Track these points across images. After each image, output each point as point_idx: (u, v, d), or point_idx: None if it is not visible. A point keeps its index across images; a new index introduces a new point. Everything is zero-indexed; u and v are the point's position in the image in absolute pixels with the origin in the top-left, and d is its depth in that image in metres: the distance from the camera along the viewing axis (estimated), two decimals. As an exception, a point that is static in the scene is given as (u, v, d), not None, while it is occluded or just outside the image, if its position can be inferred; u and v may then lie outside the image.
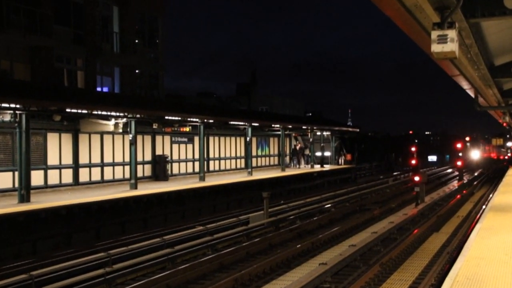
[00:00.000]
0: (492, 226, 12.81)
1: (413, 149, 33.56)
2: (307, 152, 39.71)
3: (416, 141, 64.16)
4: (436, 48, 7.81)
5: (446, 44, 7.78)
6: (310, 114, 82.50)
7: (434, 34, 7.85)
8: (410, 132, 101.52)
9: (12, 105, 16.17)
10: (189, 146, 29.30)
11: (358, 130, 48.24)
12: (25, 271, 11.90)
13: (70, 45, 25.46)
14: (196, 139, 27.43)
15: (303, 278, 11.47)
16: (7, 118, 16.91)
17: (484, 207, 19.59)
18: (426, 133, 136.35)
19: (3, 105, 15.82)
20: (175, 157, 28.04)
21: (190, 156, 29.37)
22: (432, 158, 72.80)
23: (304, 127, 37.34)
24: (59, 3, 24.97)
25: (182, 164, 28.96)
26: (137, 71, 30.20)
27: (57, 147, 20.85)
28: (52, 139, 20.74)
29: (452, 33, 7.79)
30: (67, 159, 21.36)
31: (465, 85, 16.46)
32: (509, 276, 8.36)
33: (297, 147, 39.46)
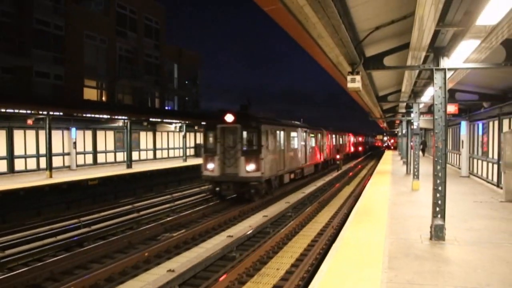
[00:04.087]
0: (376, 182, 22.53)
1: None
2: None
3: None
4: (350, 85, 10.47)
5: (355, 83, 10.41)
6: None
7: (349, 77, 10.43)
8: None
9: (124, 117, 28.72)
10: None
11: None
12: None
13: (153, 85, 42.90)
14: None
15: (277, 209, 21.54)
16: (121, 124, 29.79)
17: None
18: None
19: (121, 117, 28.33)
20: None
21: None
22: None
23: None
24: (147, 62, 42.44)
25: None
26: (186, 98, 49.01)
27: (145, 139, 35.67)
28: (142, 135, 35.44)
29: (358, 77, 10.39)
30: (149, 146, 36.28)
31: (363, 105, 25.75)
32: (382, 207, 14.58)
33: None
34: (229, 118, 20.83)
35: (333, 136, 45.31)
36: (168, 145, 39.85)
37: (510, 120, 17.69)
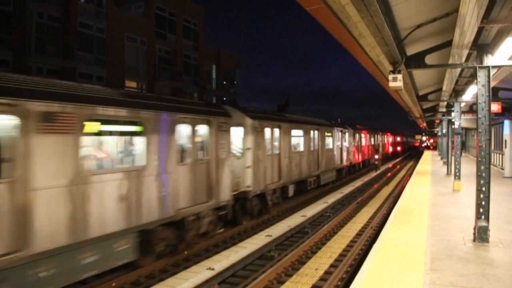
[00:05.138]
0: (416, 182, 22.15)
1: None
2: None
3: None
4: (391, 84, 10.45)
5: (396, 82, 10.37)
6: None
7: (390, 76, 10.38)
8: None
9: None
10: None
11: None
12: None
13: (192, 86, 43.05)
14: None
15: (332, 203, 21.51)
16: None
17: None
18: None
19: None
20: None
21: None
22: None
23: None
24: (185, 63, 42.91)
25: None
26: (224, 98, 48.75)
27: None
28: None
29: (400, 76, 10.38)
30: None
31: (403, 104, 25.33)
32: (422, 208, 14.46)
33: None
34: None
35: (371, 136, 44.76)
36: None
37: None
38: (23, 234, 7.62)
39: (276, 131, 19.05)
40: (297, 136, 22.05)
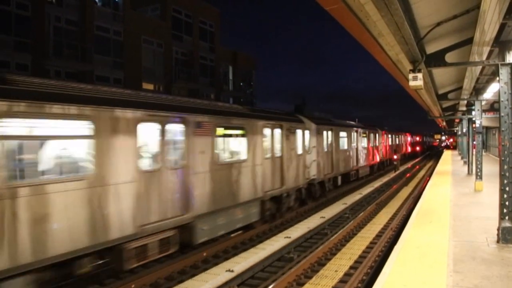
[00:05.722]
0: (436, 183, 21.84)
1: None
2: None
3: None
4: (412, 83, 10.39)
5: (417, 81, 10.33)
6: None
7: (410, 75, 10.33)
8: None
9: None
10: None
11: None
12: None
13: (209, 87, 42.95)
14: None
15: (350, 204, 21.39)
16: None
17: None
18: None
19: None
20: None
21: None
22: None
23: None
24: (202, 64, 43.16)
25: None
26: (241, 99, 48.22)
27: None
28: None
29: (420, 75, 10.33)
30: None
31: (422, 104, 25.00)
32: (443, 209, 14.18)
33: None
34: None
35: (389, 136, 44.37)
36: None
37: None
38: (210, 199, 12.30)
39: (330, 133, 23.92)
40: (343, 137, 26.63)
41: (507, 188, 9.72)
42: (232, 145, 14.28)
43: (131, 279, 10.78)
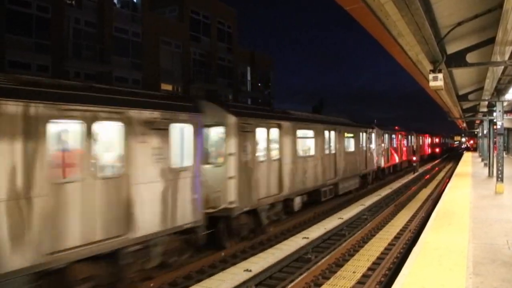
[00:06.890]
0: (456, 185, 21.57)
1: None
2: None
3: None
4: (432, 83, 10.44)
5: (437, 81, 10.33)
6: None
7: (431, 76, 10.34)
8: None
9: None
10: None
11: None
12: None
13: (227, 88, 43.32)
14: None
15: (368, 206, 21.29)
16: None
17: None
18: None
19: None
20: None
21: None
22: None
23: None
24: (220, 65, 43.74)
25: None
26: (259, 100, 48.67)
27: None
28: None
29: (440, 75, 10.32)
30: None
31: (442, 105, 24.69)
32: (463, 211, 13.97)
33: None
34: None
35: (408, 137, 43.96)
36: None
37: None
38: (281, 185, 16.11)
39: (386, 135, 33.60)
40: (393, 138, 35.03)
41: (529, 190, 9.56)
42: (304, 144, 18.54)
43: (150, 278, 10.86)
